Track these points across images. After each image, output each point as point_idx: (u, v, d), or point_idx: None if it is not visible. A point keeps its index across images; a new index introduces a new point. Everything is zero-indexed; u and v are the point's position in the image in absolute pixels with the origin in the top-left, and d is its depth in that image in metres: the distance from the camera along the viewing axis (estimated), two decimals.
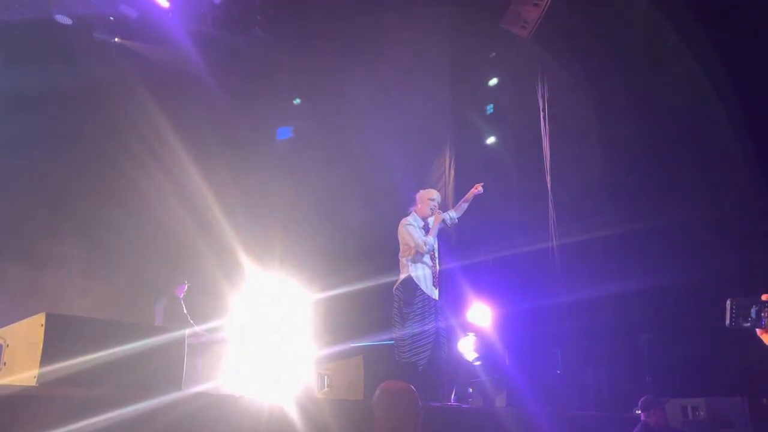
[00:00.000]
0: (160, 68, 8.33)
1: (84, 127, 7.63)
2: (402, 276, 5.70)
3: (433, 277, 5.73)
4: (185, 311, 7.41)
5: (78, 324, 3.28)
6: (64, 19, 7.64)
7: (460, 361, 7.19)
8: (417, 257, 5.67)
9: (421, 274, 5.66)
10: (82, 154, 7.68)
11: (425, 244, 5.63)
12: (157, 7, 7.84)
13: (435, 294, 5.71)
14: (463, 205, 6.21)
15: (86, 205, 7.65)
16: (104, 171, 7.78)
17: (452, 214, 6.07)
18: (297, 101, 9.67)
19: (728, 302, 1.75)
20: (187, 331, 3.73)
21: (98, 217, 7.68)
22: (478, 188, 6.05)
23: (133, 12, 7.85)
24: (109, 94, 7.77)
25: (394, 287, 5.75)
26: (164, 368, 3.41)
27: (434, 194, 5.95)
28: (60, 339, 3.08)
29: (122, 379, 3.20)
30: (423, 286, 5.61)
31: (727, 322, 1.75)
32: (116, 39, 8.04)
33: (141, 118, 7.73)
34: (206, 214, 7.97)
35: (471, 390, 6.44)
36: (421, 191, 5.98)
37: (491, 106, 9.90)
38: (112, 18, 7.91)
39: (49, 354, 3.02)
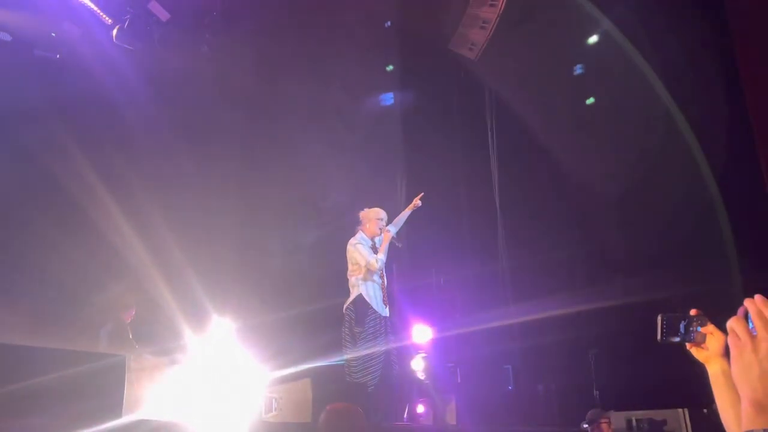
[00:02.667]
0: (105, 87, 8.15)
1: (25, 146, 7.39)
2: (352, 295, 5.69)
3: (383, 295, 5.74)
4: (131, 336, 7.20)
5: (11, 351, 3.16)
6: (3, 36, 7.42)
7: (412, 380, 7.19)
8: (367, 276, 5.67)
9: (372, 292, 5.66)
10: (25, 173, 7.42)
11: (377, 261, 5.65)
12: (101, 24, 7.69)
13: (386, 311, 5.72)
14: (401, 220, 6.24)
15: (29, 226, 7.38)
16: (47, 192, 7.53)
17: (391, 228, 6.10)
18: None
19: (659, 318, 1.81)
20: (131, 357, 3.63)
21: (41, 238, 7.41)
22: (416, 202, 6.11)
23: (75, 29, 7.67)
24: (51, 113, 7.56)
25: (345, 307, 5.73)
26: (103, 395, 3.31)
27: (382, 213, 5.98)
28: None
29: (58, 408, 3.09)
30: (374, 305, 5.61)
31: (658, 337, 1.80)
32: (58, 56, 7.84)
33: (85, 136, 7.53)
34: (155, 236, 7.79)
35: (422, 408, 6.44)
36: (366, 210, 6.00)
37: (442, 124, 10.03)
38: (53, 34, 7.71)
39: None
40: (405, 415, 6.51)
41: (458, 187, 9.45)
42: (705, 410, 6.11)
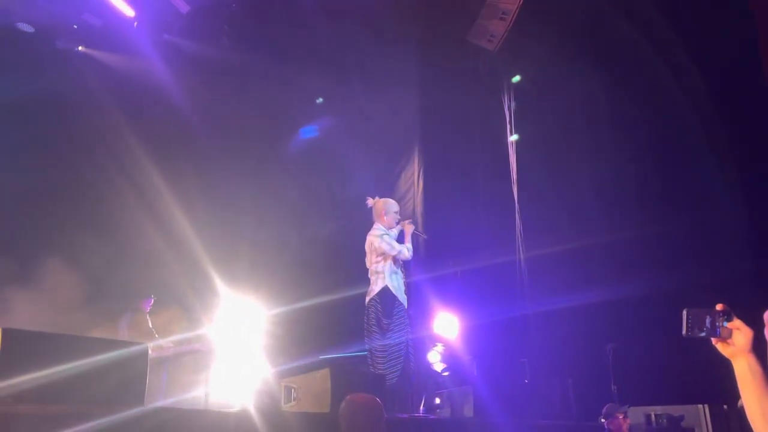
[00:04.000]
0: (126, 78, 8.22)
1: (47, 137, 7.48)
2: (377, 287, 5.68)
3: (405, 287, 5.77)
4: (150, 325, 7.28)
5: (35, 339, 3.21)
6: (26, 27, 7.50)
7: (428, 372, 7.20)
8: (393, 267, 5.68)
9: (397, 284, 5.68)
10: (44, 165, 7.52)
11: (409, 251, 5.68)
12: (122, 15, 7.75)
13: (406, 304, 5.74)
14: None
15: (48, 217, 7.48)
16: (68, 183, 7.64)
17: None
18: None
19: (684, 313, 1.79)
20: (151, 345, 3.67)
21: (60, 228, 7.51)
22: (406, 225, 6.00)
23: (96, 20, 7.74)
24: (73, 104, 7.65)
25: (369, 298, 5.71)
26: (126, 383, 3.35)
27: (397, 206, 6.00)
28: (16, 354, 3.01)
29: (82, 395, 3.13)
30: (399, 296, 5.63)
31: (684, 332, 1.78)
32: (80, 48, 7.91)
33: (107, 128, 7.61)
34: (173, 227, 7.86)
35: (439, 401, 6.45)
36: (381, 199, 5.98)
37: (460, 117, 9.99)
38: (75, 26, 7.78)
39: (4, 369, 2.94)
40: (421, 407, 6.53)
41: (476, 178, 9.40)
42: (725, 406, 6.06)
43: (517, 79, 9.46)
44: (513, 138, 9.26)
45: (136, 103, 8.04)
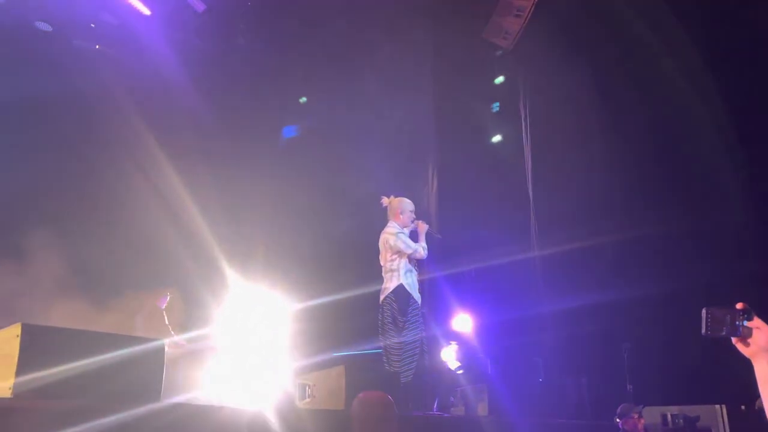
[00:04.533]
0: (142, 76, 8.28)
1: (64, 135, 7.55)
2: (392, 284, 5.67)
3: (418, 285, 5.76)
4: (167, 322, 7.33)
5: (54, 334, 3.24)
6: (44, 26, 7.58)
7: (442, 370, 7.19)
8: (408, 265, 5.67)
9: (411, 282, 5.67)
10: (62, 162, 7.59)
11: (424, 249, 5.68)
12: (139, 14, 7.81)
13: (420, 302, 5.74)
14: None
15: (66, 215, 7.56)
16: (85, 180, 7.70)
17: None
18: (303, 100, 9.65)
19: (704, 312, 1.77)
20: (167, 342, 3.70)
21: (78, 227, 7.59)
22: (420, 224, 6.00)
23: (113, 19, 7.80)
24: (90, 102, 7.71)
25: (384, 296, 5.70)
26: (142, 379, 3.38)
27: (412, 205, 5.99)
28: (36, 350, 3.04)
29: (99, 391, 3.16)
30: (414, 294, 5.63)
31: (703, 331, 1.77)
32: (97, 46, 7.98)
33: (123, 126, 7.67)
34: (189, 224, 7.92)
35: (453, 399, 6.44)
36: (396, 198, 5.96)
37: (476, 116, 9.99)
38: (93, 25, 7.85)
39: (24, 365, 2.98)
40: (435, 405, 6.53)
41: (490, 176, 9.38)
42: (743, 407, 5.99)
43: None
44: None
45: (152, 100, 8.09)
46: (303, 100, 9.65)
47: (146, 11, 7.74)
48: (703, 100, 7.74)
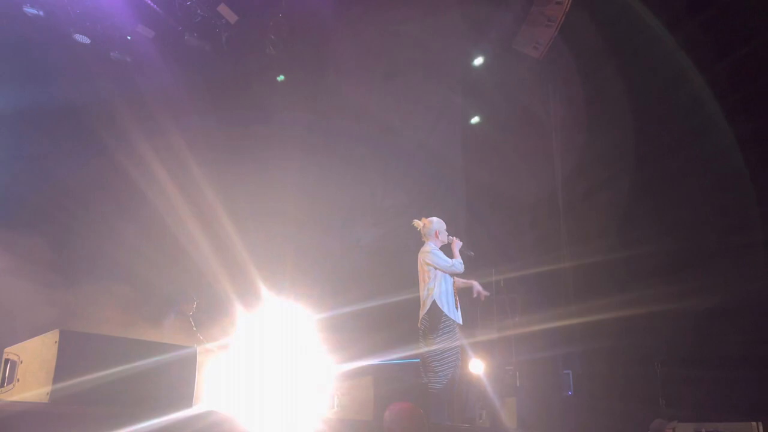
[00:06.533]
0: (175, 85, 8.42)
1: (99, 142, 7.70)
2: (428, 302, 5.64)
3: (456, 300, 5.73)
4: (195, 328, 7.40)
5: (91, 341, 3.30)
6: (82, 39, 7.77)
7: (470, 381, 7.13)
8: (443, 282, 5.67)
9: (446, 299, 5.64)
10: (96, 169, 7.74)
11: (461, 264, 5.70)
12: (172, 27, 7.98)
13: (458, 316, 5.68)
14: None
15: (99, 220, 7.70)
16: (118, 187, 7.83)
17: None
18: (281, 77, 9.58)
19: None
20: (197, 348, 3.74)
21: (111, 232, 7.73)
22: (455, 241, 6.02)
23: (149, 32, 7.97)
24: (123, 111, 7.85)
25: (421, 316, 5.68)
26: (176, 385, 3.42)
27: (444, 224, 6.00)
28: (73, 356, 3.10)
29: (134, 397, 3.21)
30: (446, 310, 5.59)
31: None
32: (128, 59, 8.16)
33: (156, 134, 7.80)
34: (218, 231, 8.00)
35: (482, 411, 6.38)
36: (428, 221, 5.95)
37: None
38: (129, 38, 8.03)
39: (62, 371, 3.04)
40: (463, 416, 6.47)
41: (519, 186, 9.30)
42: None
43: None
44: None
45: (185, 109, 8.23)
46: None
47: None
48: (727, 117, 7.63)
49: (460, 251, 5.81)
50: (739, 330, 6.70)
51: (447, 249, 5.86)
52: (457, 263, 5.70)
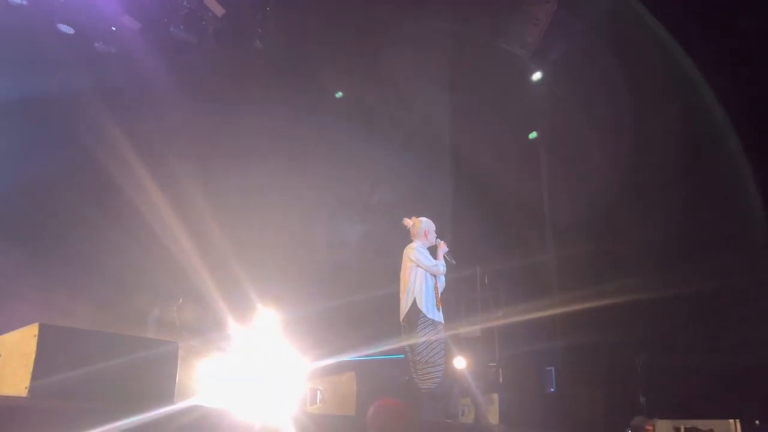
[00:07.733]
0: (160, 79, 8.33)
1: (78, 136, 7.60)
2: (408, 301, 5.64)
3: (437, 300, 5.73)
4: (178, 323, 7.36)
5: (71, 335, 3.27)
6: (66, 29, 7.66)
7: (454, 378, 7.16)
8: (424, 281, 5.67)
9: (425, 297, 5.64)
10: (77, 165, 7.64)
11: (443, 266, 5.73)
12: (158, 18, 7.89)
13: (439, 315, 5.68)
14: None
15: (80, 216, 7.60)
16: (99, 184, 7.74)
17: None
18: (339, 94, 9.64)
19: None
20: (180, 344, 3.72)
21: (92, 229, 7.64)
22: (441, 244, 6.03)
23: (135, 24, 7.88)
24: (106, 104, 7.76)
25: (402, 317, 5.68)
26: (157, 381, 3.40)
27: (434, 225, 6.01)
28: (53, 350, 3.07)
29: (114, 392, 3.18)
30: (423, 308, 5.58)
31: None
32: (113, 50, 8.05)
33: (137, 128, 7.71)
34: (201, 226, 7.94)
35: (465, 407, 6.41)
36: (418, 221, 5.95)
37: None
38: (114, 29, 7.93)
39: (41, 365, 3.00)
40: (446, 412, 6.49)
41: (505, 180, 9.33)
42: (758, 422, 5.91)
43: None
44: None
45: (169, 104, 8.14)
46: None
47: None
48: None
49: (444, 256, 5.84)
50: (723, 323, 6.78)
51: (432, 251, 5.89)
52: (440, 264, 5.75)
